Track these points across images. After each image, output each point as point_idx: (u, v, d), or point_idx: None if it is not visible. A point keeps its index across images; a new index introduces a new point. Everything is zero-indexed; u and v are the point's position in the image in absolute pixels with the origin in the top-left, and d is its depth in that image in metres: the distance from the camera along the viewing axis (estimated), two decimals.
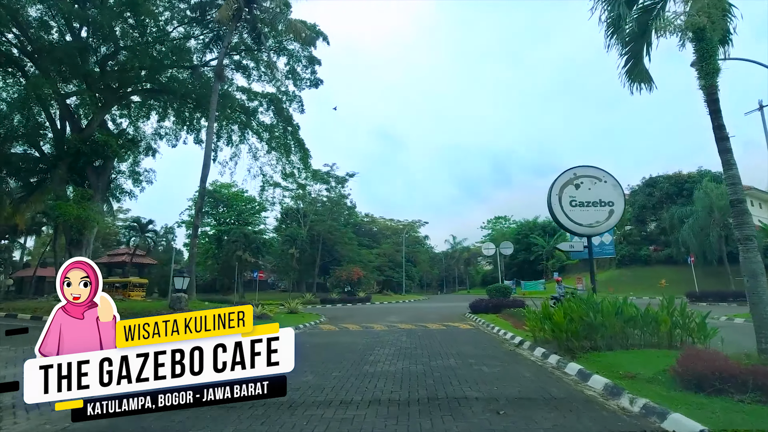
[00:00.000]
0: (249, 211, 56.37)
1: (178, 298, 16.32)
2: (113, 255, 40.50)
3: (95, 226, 20.53)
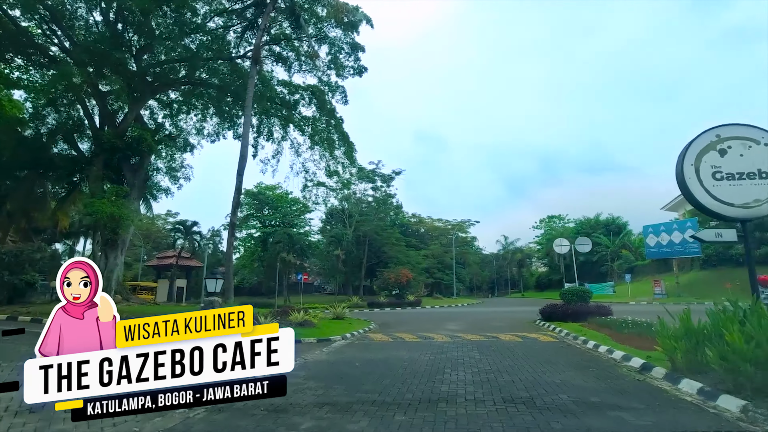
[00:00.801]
0: (293, 213, 55.32)
1: (210, 302, 14.47)
2: (162, 258, 40.33)
3: (130, 225, 19.31)
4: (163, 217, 52.49)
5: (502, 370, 8.43)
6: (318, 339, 13.60)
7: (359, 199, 50.11)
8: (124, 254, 19.67)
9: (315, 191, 45.10)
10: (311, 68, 29.05)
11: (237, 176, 19.12)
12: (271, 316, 14.93)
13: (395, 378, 7.92)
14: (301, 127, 28.32)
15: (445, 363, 9.36)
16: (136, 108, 21.22)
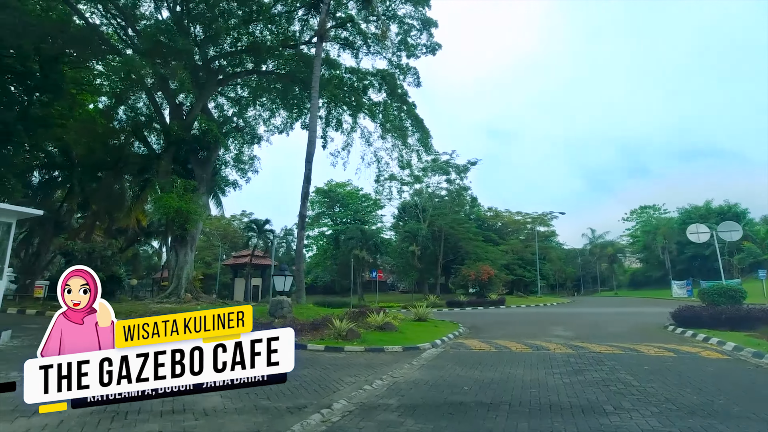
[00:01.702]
0: (365, 210, 54.02)
1: (278, 302, 12.71)
2: (238, 257, 40.54)
3: (198, 221, 18.37)
4: (238, 217, 53.59)
5: (697, 410, 5.50)
6: (404, 347, 11.27)
7: (431, 193, 47.42)
8: (194, 251, 18.83)
9: (387, 185, 43.30)
10: (380, 50, 26.99)
11: (306, 163, 17.46)
12: (347, 319, 12.88)
13: (532, 416, 5.33)
14: (373, 112, 26.33)
15: (593, 391, 6.57)
16: (202, 100, 20.41)
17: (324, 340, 11.66)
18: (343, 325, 12.25)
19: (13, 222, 9.58)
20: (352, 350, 10.80)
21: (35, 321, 13.17)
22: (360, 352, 10.68)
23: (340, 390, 6.82)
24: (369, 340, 11.91)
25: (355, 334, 12.11)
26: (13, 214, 9.53)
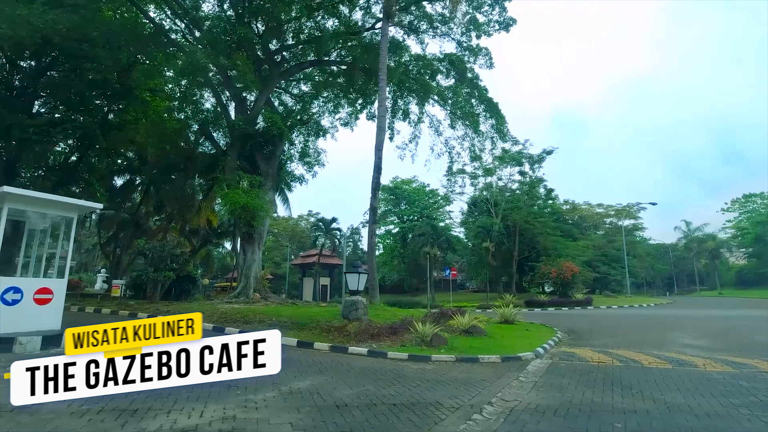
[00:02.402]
0: (432, 206, 52.10)
1: (353, 303, 11.30)
2: (305, 256, 40.34)
3: (265, 217, 17.60)
4: (305, 217, 53.90)
5: None
6: (502, 357, 9.36)
7: (502, 187, 44.45)
8: (262, 249, 18.14)
9: (456, 179, 41.12)
10: (447, 31, 25.04)
11: (375, 151, 16.04)
12: (430, 321, 11.20)
13: None
14: (444, 97, 24.48)
15: None
16: (265, 93, 19.74)
17: (406, 347, 10.06)
18: (426, 329, 10.58)
19: (75, 216, 8.97)
20: (440, 360, 9.09)
21: (108, 320, 12.84)
22: (451, 363, 8.94)
23: (443, 420, 5.15)
24: (458, 347, 10.13)
25: (441, 340, 10.38)
26: (74, 208, 8.92)
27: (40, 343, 7.76)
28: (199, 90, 19.44)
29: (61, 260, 9.11)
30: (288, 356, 8.95)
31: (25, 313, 8.04)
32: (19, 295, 7.96)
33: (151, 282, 15.97)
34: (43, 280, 8.78)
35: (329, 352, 9.88)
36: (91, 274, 41.80)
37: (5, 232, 7.90)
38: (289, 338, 10.68)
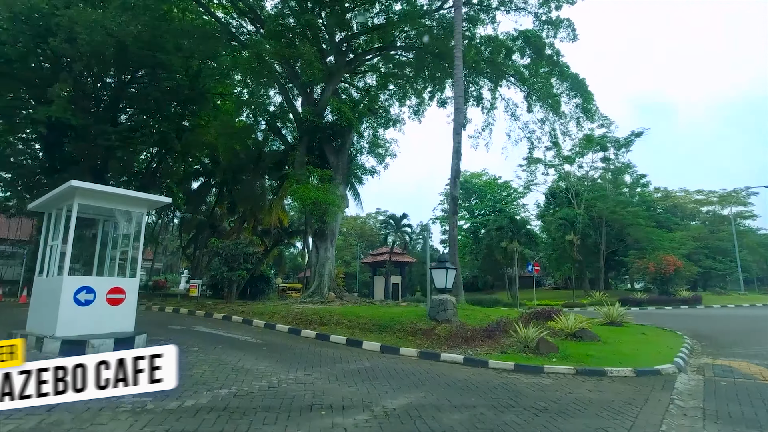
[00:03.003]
0: (505, 199, 49.30)
1: (441, 303, 9.93)
2: (375, 255, 39.54)
3: (337, 212, 16.76)
4: (373, 215, 53.33)
5: None
6: (636, 370, 7.52)
7: (585, 174, 40.80)
8: (335, 246, 17.31)
9: (535, 167, 38.34)
10: (522, 4, 22.84)
11: (454, 135, 14.56)
12: (535, 324, 9.53)
13: None
14: (522, 76, 22.36)
15: None
16: (332, 84, 18.95)
17: (508, 354, 8.51)
18: (529, 332, 8.96)
19: (144, 212, 8.45)
20: (556, 372, 7.46)
21: (182, 320, 12.54)
22: (570, 376, 7.28)
23: None
24: (572, 356, 8.40)
25: (550, 347, 8.70)
26: (144, 203, 8.42)
27: (112, 347, 7.22)
28: (265, 86, 19.06)
29: (133, 259, 8.62)
30: (373, 364, 7.78)
31: (98, 314, 7.58)
32: (91, 295, 7.51)
33: (227, 281, 15.71)
34: (115, 279, 8.36)
35: (418, 359, 8.60)
36: (176, 275, 44.10)
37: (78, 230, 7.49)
38: (371, 342, 9.55)
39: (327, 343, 9.93)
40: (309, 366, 7.38)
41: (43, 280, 8.10)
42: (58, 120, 17.05)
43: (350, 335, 10.28)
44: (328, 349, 9.11)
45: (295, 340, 10.19)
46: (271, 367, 7.11)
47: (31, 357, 6.76)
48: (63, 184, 7.30)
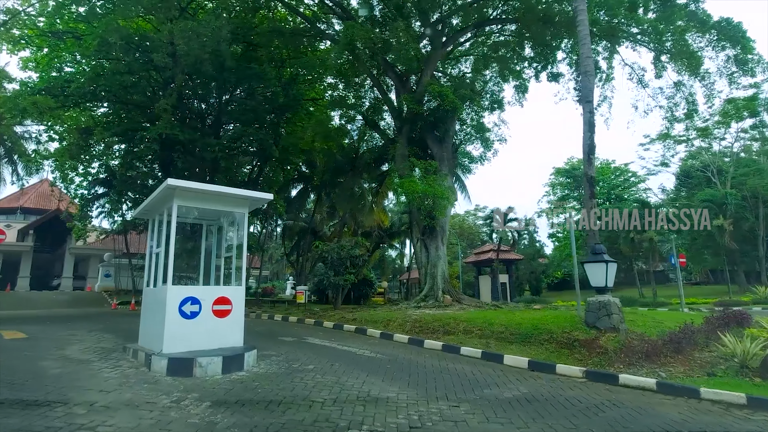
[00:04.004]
0: (621, 185, 43.77)
1: (602, 306, 7.74)
2: (479, 253, 37.09)
3: (447, 206, 15.08)
4: (472, 213, 50.66)
5: None
6: None
7: (725, 149, 34.35)
8: (446, 244, 15.59)
9: (666, 143, 33.14)
10: None
11: (584, 104, 12.07)
12: (719, 330, 6.91)
13: None
14: (647, 33, 18.85)
15: None
16: (429, 68, 17.43)
17: (719, 378, 6.12)
18: (748, 346, 6.43)
19: (246, 212, 7.55)
20: None
21: (292, 330, 11.68)
22: None
23: None
24: None
25: None
26: (245, 201, 7.52)
27: (221, 365, 6.29)
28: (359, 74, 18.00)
29: (237, 268, 7.76)
30: (532, 389, 5.91)
31: (205, 327, 6.74)
32: (197, 306, 6.69)
33: (333, 286, 14.85)
34: (220, 288, 7.57)
35: (586, 380, 6.56)
36: (282, 282, 45.73)
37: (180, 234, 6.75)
38: (514, 356, 7.68)
39: (458, 357, 8.26)
40: (450, 392, 5.77)
41: (150, 290, 7.56)
42: (167, 137, 17.71)
43: (485, 347, 8.49)
44: (463, 366, 7.44)
45: (419, 352, 8.68)
46: (403, 393, 5.63)
47: (140, 376, 6.06)
48: (161, 185, 6.60)
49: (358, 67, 16.64)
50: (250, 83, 20.93)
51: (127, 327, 11.38)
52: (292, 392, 5.51)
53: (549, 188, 46.70)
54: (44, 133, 23.63)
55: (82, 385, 5.62)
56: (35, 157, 23.99)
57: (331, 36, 19.90)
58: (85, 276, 36.02)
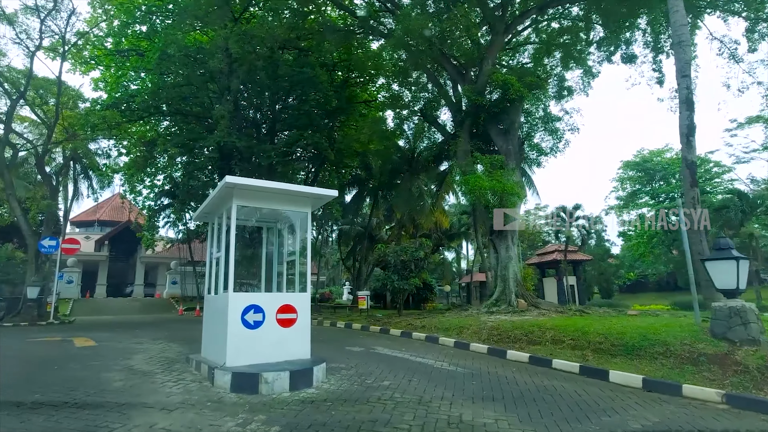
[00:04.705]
0: (702, 177, 39.76)
1: (736, 313, 6.35)
2: (542, 254, 34.99)
3: (517, 202, 13.86)
4: (532, 212, 48.22)
5: None
6: None
7: None
8: (516, 243, 14.34)
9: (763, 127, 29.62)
10: None
11: (680, 78, 10.53)
12: None
13: None
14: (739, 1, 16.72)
15: None
16: (490, 57, 16.25)
17: None
18: None
19: (309, 212, 6.91)
20: None
21: (358, 339, 10.95)
22: None
23: None
24: None
25: None
26: (308, 199, 6.89)
27: (288, 381, 5.63)
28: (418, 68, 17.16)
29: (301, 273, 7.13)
30: (665, 420, 4.73)
31: (269, 338, 6.14)
32: (260, 315, 6.10)
33: (397, 291, 14.06)
34: (284, 295, 6.97)
35: (726, 406, 5.29)
36: (338, 287, 45.69)
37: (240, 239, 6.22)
38: (623, 373, 6.47)
39: (550, 372, 7.15)
40: (559, 418, 4.74)
41: (211, 298, 7.11)
42: (225, 144, 17.81)
43: (582, 360, 7.31)
44: (561, 383, 6.35)
45: (503, 365, 7.64)
46: (503, 419, 4.67)
47: (203, 392, 5.52)
48: (219, 183, 6.10)
49: (412, 63, 15.80)
50: (302, 88, 20.87)
51: (191, 335, 11.20)
52: (370, 415, 4.73)
53: (617, 183, 43.45)
54: (113, 148, 24.91)
55: (144, 402, 5.15)
56: (106, 170, 25.23)
57: (383, 33, 19.29)
58: (155, 283, 37.80)
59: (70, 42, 19.39)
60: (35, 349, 9.05)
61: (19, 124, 24.38)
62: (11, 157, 19.95)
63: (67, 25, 18.71)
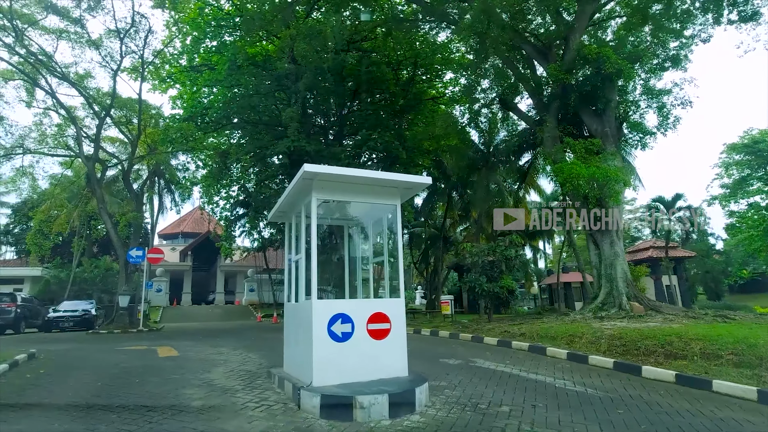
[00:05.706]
0: None
1: None
2: (635, 251, 31.61)
3: (620, 191, 12.04)
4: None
5: None
6: None
7: None
8: (622, 238, 12.48)
9: None
10: None
11: None
12: None
13: None
14: None
15: None
16: (579, 28, 14.45)
17: None
18: None
19: (398, 204, 5.92)
20: None
21: (449, 348, 9.72)
22: None
23: None
24: None
25: None
26: (397, 190, 5.92)
27: (387, 407, 4.66)
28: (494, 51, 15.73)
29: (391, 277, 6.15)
30: None
31: (359, 351, 5.21)
32: (348, 326, 5.20)
33: (487, 295, 12.73)
34: (374, 302, 6.05)
35: None
36: (410, 291, 44.70)
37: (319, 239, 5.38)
38: None
39: (711, 396, 5.56)
40: None
41: (292, 306, 6.34)
42: (295, 149, 17.55)
43: (756, 382, 5.63)
44: (734, 412, 4.82)
45: (643, 386, 6.11)
46: None
47: (289, 417, 4.68)
48: (296, 175, 5.30)
49: (492, 45, 14.40)
50: (368, 88, 20.31)
51: (271, 344, 10.72)
52: None
53: (721, 169, 38.40)
54: (191, 161, 25.95)
55: (224, 429, 4.41)
56: (186, 182, 26.32)
57: (452, 20, 18.10)
58: (234, 291, 39.21)
59: (147, 60, 20.26)
60: (120, 360, 8.94)
61: (110, 144, 26.12)
62: (101, 174, 21.20)
63: (144, 44, 19.53)
